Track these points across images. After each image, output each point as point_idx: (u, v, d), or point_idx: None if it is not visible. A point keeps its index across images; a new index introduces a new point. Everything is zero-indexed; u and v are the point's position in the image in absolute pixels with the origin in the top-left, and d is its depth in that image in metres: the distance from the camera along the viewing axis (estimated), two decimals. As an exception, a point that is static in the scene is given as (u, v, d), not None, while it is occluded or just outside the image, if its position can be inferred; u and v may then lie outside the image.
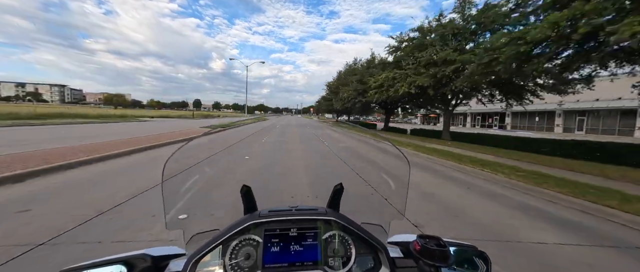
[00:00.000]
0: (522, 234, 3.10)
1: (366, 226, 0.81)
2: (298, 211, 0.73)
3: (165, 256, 0.72)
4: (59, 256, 2.27)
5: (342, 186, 0.84)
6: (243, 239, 0.69)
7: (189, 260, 0.66)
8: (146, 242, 2.54)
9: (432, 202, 4.18)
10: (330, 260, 0.71)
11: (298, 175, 5.51)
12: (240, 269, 0.67)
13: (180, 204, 0.86)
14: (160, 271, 0.68)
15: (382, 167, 1.29)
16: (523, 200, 4.55)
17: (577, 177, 6.20)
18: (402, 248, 0.80)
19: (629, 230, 3.44)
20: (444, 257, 0.56)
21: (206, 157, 5.78)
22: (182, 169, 0.92)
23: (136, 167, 6.00)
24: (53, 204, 3.48)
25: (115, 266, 0.62)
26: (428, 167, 7.34)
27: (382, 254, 0.74)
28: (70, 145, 7.99)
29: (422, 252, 0.58)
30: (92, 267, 0.61)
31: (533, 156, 9.55)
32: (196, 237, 0.81)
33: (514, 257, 2.54)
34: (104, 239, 2.58)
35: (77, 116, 22.78)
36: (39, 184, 4.35)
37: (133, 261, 0.64)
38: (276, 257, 0.69)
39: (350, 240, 0.74)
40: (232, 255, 0.68)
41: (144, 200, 3.73)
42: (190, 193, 0.91)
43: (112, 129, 15.30)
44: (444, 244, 0.59)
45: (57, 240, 2.53)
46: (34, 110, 20.91)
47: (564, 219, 3.71)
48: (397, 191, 0.98)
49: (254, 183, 1.49)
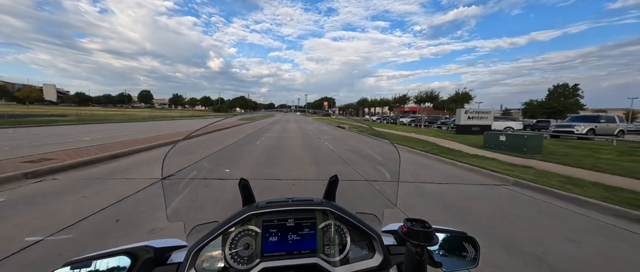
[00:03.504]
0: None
1: (361, 215, 0.84)
2: (295, 201, 0.76)
3: (168, 248, 0.74)
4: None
5: (337, 178, 0.86)
6: (242, 229, 0.72)
7: (190, 251, 0.68)
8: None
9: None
10: (326, 248, 0.74)
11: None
12: (240, 258, 0.70)
13: (180, 198, 0.89)
14: (163, 261, 0.70)
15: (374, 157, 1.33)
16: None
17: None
18: (396, 236, 0.83)
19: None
20: (428, 238, 0.59)
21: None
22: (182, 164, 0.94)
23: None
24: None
25: (119, 257, 0.63)
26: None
27: (376, 242, 0.77)
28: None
29: (408, 234, 0.61)
30: (97, 259, 0.63)
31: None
32: (197, 228, 0.84)
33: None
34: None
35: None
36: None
37: (136, 252, 0.66)
38: (274, 246, 0.71)
39: (345, 229, 0.77)
40: (231, 245, 0.70)
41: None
42: (188, 188, 0.93)
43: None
44: (429, 226, 0.62)
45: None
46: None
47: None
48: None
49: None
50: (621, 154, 9.97)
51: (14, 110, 33.49)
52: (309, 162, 7.27)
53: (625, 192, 4.82)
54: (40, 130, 13.72)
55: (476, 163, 7.31)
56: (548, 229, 3.35)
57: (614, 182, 5.64)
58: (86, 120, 22.10)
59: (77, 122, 19.81)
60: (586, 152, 10.47)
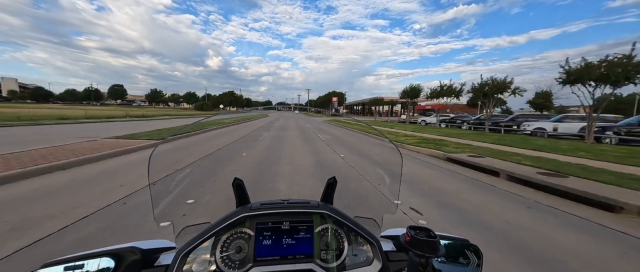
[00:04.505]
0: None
1: (359, 219, 0.81)
2: (290, 204, 0.72)
3: (156, 249, 0.70)
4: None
5: (335, 180, 0.83)
6: (234, 232, 0.68)
7: (179, 253, 0.64)
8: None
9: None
10: (322, 253, 0.71)
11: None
12: (232, 262, 0.66)
13: (169, 198, 0.85)
14: (150, 264, 0.66)
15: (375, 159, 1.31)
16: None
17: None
18: (395, 242, 0.80)
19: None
20: (434, 249, 0.56)
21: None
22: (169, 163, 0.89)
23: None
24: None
25: (103, 259, 0.60)
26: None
27: (374, 248, 0.74)
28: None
29: (412, 243, 0.57)
30: (78, 260, 0.59)
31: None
32: (186, 229, 0.80)
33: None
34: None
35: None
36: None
37: (122, 253, 0.62)
38: (268, 250, 0.68)
39: (343, 233, 0.74)
40: (223, 248, 0.67)
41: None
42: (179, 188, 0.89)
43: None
44: (433, 236, 0.59)
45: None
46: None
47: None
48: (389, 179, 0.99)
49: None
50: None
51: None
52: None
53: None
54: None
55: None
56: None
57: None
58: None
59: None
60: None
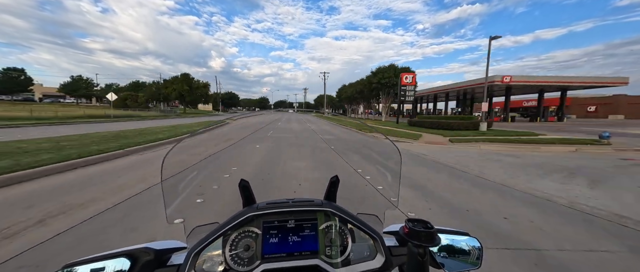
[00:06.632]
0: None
1: (362, 216, 0.83)
2: (295, 202, 0.75)
3: (168, 250, 0.73)
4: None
5: (337, 178, 0.85)
6: (242, 231, 0.71)
7: (190, 252, 0.67)
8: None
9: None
10: (327, 249, 0.73)
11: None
12: (240, 259, 0.69)
13: (179, 200, 0.88)
14: (163, 263, 0.69)
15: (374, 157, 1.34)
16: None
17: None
18: (398, 237, 0.82)
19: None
20: (430, 239, 0.58)
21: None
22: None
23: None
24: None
25: (118, 259, 0.63)
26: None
27: (377, 243, 0.77)
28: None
29: (410, 234, 0.60)
30: (95, 261, 0.62)
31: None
32: (197, 229, 0.83)
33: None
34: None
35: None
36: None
37: (137, 254, 0.65)
38: (275, 247, 0.71)
39: (346, 230, 0.77)
40: (232, 247, 0.70)
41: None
42: (189, 189, 0.92)
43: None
44: (431, 227, 0.62)
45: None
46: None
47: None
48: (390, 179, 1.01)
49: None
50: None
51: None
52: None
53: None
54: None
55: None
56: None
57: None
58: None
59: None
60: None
